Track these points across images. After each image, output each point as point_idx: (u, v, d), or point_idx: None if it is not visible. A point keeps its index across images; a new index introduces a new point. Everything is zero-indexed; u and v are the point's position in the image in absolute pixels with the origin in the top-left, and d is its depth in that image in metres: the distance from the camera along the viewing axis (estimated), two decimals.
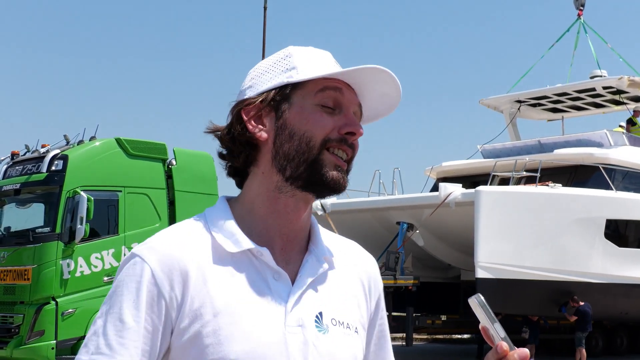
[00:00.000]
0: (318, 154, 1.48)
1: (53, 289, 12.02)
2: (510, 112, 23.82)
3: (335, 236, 1.65)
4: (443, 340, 25.79)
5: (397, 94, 1.56)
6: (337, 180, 1.50)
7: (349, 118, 1.51)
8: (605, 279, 17.57)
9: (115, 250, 12.63)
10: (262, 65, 1.57)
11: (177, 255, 1.43)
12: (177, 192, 13.64)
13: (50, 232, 12.18)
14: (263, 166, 1.52)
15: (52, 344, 11.91)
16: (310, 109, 1.50)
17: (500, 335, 1.39)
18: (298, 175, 1.49)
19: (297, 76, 1.51)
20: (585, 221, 17.03)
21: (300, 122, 1.49)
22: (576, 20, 25.74)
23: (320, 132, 1.48)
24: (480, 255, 15.90)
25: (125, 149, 13.14)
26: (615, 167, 18.88)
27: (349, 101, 1.53)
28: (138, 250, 1.46)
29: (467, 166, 21.17)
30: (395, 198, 19.45)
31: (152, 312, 1.40)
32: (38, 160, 12.88)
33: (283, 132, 1.50)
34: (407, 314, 18.50)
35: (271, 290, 1.46)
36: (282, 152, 1.49)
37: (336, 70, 1.51)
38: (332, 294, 1.53)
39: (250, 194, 1.53)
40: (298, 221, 1.53)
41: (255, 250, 1.47)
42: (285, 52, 1.56)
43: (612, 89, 22.11)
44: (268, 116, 1.52)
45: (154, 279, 1.41)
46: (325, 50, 1.59)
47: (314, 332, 1.46)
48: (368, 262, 1.67)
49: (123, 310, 1.40)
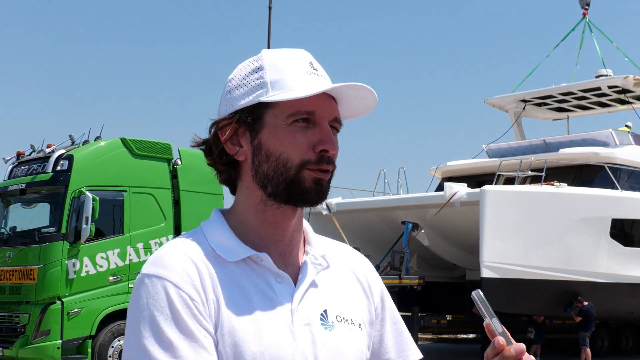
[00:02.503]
0: (296, 173, 1.49)
1: (59, 289, 12.06)
2: (516, 111, 23.80)
3: (326, 239, 1.68)
4: (448, 340, 25.76)
5: (374, 100, 1.55)
6: (317, 193, 1.50)
7: (323, 133, 1.50)
8: (611, 278, 17.55)
9: (121, 250, 12.67)
10: (238, 74, 1.56)
11: (188, 268, 1.44)
12: (182, 192, 13.67)
13: (56, 232, 12.23)
14: (246, 182, 1.54)
15: (57, 344, 11.95)
16: (284, 129, 1.49)
17: (498, 331, 1.42)
18: (279, 192, 1.50)
19: (267, 95, 1.49)
20: (590, 221, 17.00)
21: (275, 143, 1.49)
22: (581, 19, 25.71)
23: (296, 153, 1.48)
24: (485, 254, 15.89)
25: (131, 148, 13.18)
26: (620, 166, 18.85)
27: (324, 113, 1.51)
28: (151, 270, 1.45)
29: (472, 166, 21.15)
30: (400, 197, 19.44)
31: (197, 319, 1.40)
32: (43, 160, 12.92)
33: (260, 153, 1.51)
34: (412, 314, 18.48)
35: (275, 293, 1.49)
36: (261, 172, 1.51)
37: (306, 90, 1.47)
38: (333, 291, 1.57)
39: (240, 207, 1.56)
40: (289, 228, 1.55)
41: (255, 256, 1.50)
42: (257, 63, 1.54)
43: (617, 88, 22.07)
44: (244, 136, 1.52)
45: (180, 289, 1.41)
46: (300, 51, 1.56)
47: (321, 330, 1.50)
48: (362, 262, 1.70)
49: (163, 331, 1.37)
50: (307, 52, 1.57)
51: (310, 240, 1.60)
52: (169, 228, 13.32)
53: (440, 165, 21.76)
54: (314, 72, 1.53)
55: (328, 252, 1.61)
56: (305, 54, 1.56)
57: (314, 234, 1.62)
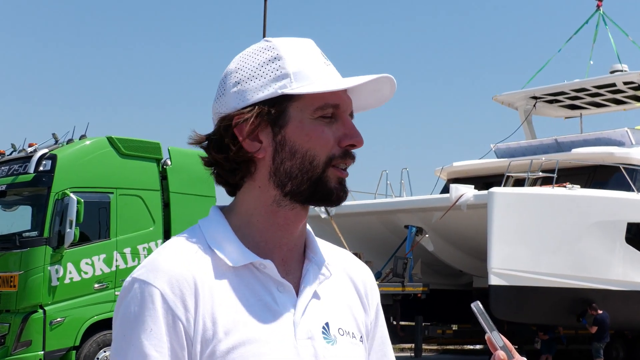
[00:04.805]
0: (322, 171, 1.49)
1: (41, 297, 12.03)
2: (526, 108, 23.81)
3: (328, 245, 1.67)
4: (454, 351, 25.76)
5: (391, 93, 1.56)
6: (340, 194, 1.52)
7: (347, 127, 1.51)
8: (627, 286, 17.56)
9: (107, 255, 12.65)
10: (247, 65, 1.52)
11: (184, 274, 1.43)
12: (172, 194, 13.65)
13: (38, 236, 12.20)
14: (259, 181, 1.51)
15: (39, 355, 11.92)
16: (310, 123, 1.48)
17: (499, 344, 1.47)
18: (300, 191, 1.49)
19: (292, 87, 1.47)
20: (605, 225, 17.01)
21: (302, 139, 1.48)
22: (595, 11, 25.74)
23: (324, 149, 1.48)
24: (493, 260, 15.90)
25: (118, 148, 13.16)
26: (637, 167, 18.86)
27: (346, 106, 1.52)
28: (140, 274, 1.44)
29: (480, 166, 21.17)
30: (403, 200, 19.46)
31: (171, 339, 1.40)
32: (25, 160, 12.90)
33: (283, 149, 1.49)
34: (416, 323, 18.49)
35: (277, 303, 1.48)
36: (282, 170, 1.49)
37: (336, 84, 1.48)
38: (335, 303, 1.57)
39: (247, 206, 1.53)
40: (297, 231, 1.55)
41: (258, 263, 1.48)
42: (272, 52, 1.51)
43: (633, 85, 22.09)
44: (264, 131, 1.49)
45: (166, 303, 1.40)
46: (308, 40, 1.55)
47: (323, 344, 1.50)
48: (363, 271, 1.69)
49: (142, 342, 1.39)
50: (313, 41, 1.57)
51: (312, 246, 1.59)
52: (158, 232, 13.31)
53: (445, 165, 21.80)
54: (328, 64, 1.53)
55: (329, 260, 1.60)
56: (313, 43, 1.56)
57: (315, 238, 1.61)
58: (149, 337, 1.38)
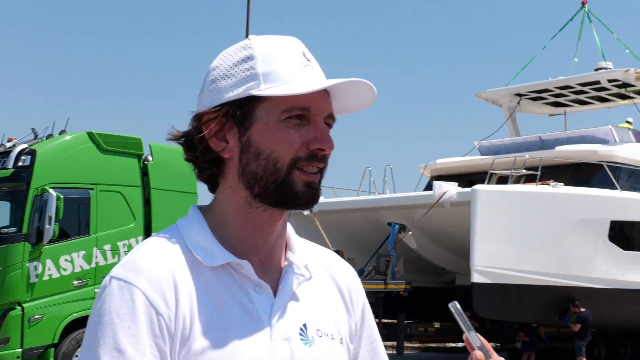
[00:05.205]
0: (287, 174, 1.48)
1: (19, 294, 11.99)
2: (510, 106, 23.89)
3: (311, 245, 1.67)
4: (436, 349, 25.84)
5: (372, 97, 1.54)
6: (309, 197, 1.50)
7: (318, 131, 1.49)
8: (610, 284, 17.66)
9: (86, 252, 12.62)
10: (224, 63, 1.53)
11: (163, 273, 1.43)
12: (153, 190, 13.64)
13: (17, 232, 12.16)
14: (231, 180, 1.52)
15: (17, 353, 11.88)
16: (276, 125, 1.47)
17: (476, 344, 1.49)
18: (267, 193, 1.49)
19: (260, 88, 1.47)
20: (588, 223, 17.10)
21: (266, 140, 1.47)
22: (580, 8, 25.85)
23: (288, 151, 1.47)
24: (476, 258, 15.95)
25: (98, 143, 13.13)
26: (620, 165, 18.96)
27: (318, 109, 1.50)
28: (119, 273, 1.43)
29: (463, 163, 21.23)
30: (386, 197, 19.49)
31: (155, 337, 1.39)
32: (4, 155, 12.84)
33: (248, 150, 1.49)
34: (398, 321, 18.56)
35: (254, 304, 1.48)
36: (248, 171, 1.49)
37: (303, 86, 1.46)
38: (314, 304, 1.57)
39: (222, 206, 1.54)
40: (273, 232, 1.54)
41: (235, 263, 1.49)
42: (246, 51, 1.51)
43: (618, 82, 22.19)
44: (231, 131, 1.50)
45: (148, 301, 1.40)
46: (292, 39, 1.54)
47: (300, 345, 1.50)
48: (347, 271, 1.69)
49: (119, 339, 1.37)
50: (299, 40, 1.55)
51: (292, 246, 1.59)
52: (138, 229, 13.28)
53: (429, 163, 21.82)
54: (308, 64, 1.52)
55: (310, 261, 1.60)
56: (298, 42, 1.54)
57: (296, 238, 1.61)
58: (126, 334, 1.37)
